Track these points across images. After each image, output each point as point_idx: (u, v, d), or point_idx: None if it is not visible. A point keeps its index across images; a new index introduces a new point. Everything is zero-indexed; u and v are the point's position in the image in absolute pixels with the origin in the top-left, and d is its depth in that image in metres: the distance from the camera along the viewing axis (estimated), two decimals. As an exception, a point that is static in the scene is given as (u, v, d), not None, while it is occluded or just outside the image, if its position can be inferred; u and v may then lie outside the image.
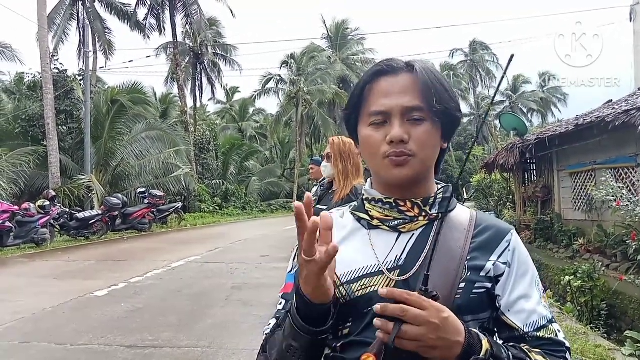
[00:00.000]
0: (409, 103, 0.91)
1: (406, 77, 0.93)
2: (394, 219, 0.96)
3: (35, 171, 17.18)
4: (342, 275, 0.93)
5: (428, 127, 0.91)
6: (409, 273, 0.91)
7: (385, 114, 0.92)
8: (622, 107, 7.90)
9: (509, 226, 1.00)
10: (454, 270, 0.90)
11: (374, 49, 37.47)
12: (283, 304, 1.01)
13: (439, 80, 0.94)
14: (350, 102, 0.99)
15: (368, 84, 0.95)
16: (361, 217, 0.99)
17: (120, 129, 19.78)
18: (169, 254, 10.87)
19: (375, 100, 0.93)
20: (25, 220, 11.98)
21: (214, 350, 4.49)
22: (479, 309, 0.92)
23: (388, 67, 0.94)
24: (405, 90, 0.92)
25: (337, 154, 3.17)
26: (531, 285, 0.95)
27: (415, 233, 0.95)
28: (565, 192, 10.39)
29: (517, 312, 0.92)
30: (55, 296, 6.63)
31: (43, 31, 16.94)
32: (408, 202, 0.95)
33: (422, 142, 0.91)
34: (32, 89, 19.38)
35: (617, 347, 4.56)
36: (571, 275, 6.93)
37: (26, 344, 4.70)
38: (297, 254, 1.03)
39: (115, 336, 4.86)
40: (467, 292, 0.90)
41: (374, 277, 0.92)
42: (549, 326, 0.93)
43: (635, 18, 12.31)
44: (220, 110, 43.88)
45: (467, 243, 0.93)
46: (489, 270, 0.92)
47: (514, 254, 0.95)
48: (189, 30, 28.62)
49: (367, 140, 0.95)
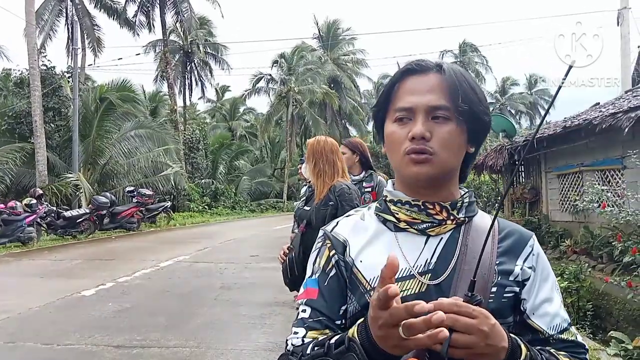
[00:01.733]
0: (434, 102, 0.91)
1: (434, 77, 0.93)
2: (422, 221, 0.95)
3: (22, 169, 16.99)
4: (372, 280, 0.93)
5: (452, 128, 0.91)
6: (440, 277, 0.91)
7: (410, 110, 0.92)
8: (608, 110, 8.00)
9: (529, 232, 1.01)
10: (485, 274, 0.90)
11: (365, 50, 37.62)
12: (308, 313, 0.97)
13: (468, 82, 0.94)
14: (379, 100, 1.00)
15: (397, 82, 0.96)
16: (387, 219, 0.98)
17: (109, 127, 19.60)
18: (157, 253, 10.81)
19: (402, 97, 0.94)
20: (12, 219, 11.85)
21: (203, 350, 4.47)
22: (507, 312, 0.93)
23: (417, 66, 0.95)
24: (431, 89, 0.92)
25: (310, 154, 3.12)
26: (552, 289, 0.97)
27: (444, 237, 0.94)
28: (553, 193, 10.50)
29: (542, 315, 0.94)
30: (41, 296, 6.57)
31: (30, 27, 16.73)
32: (437, 205, 0.94)
33: (444, 141, 0.91)
34: (19, 85, 19.14)
35: (602, 347, 4.62)
36: (558, 276, 7.00)
37: (11, 344, 4.65)
38: (315, 257, 1.02)
39: (102, 336, 4.83)
40: (499, 296, 0.91)
41: (405, 280, 0.91)
42: (570, 329, 0.95)
43: (623, 22, 12.49)
44: (210, 109, 43.70)
45: (494, 247, 0.93)
46: (517, 274, 0.94)
47: (537, 259, 0.97)
48: (179, 28, 28.48)
49: (391, 136, 0.95)
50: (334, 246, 0.99)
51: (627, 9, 12.51)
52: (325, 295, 0.97)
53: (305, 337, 0.94)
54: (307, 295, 0.99)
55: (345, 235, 1.00)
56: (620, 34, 12.59)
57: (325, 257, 1.00)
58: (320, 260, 1.00)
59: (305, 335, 0.94)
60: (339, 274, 0.97)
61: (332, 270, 0.98)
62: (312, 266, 1.02)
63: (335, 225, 1.03)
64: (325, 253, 1.00)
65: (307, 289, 1.00)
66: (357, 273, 0.95)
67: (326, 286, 0.97)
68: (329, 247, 1.00)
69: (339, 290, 0.97)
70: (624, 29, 12.51)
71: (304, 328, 0.95)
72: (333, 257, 0.98)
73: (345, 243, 0.98)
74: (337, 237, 1.00)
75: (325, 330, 0.94)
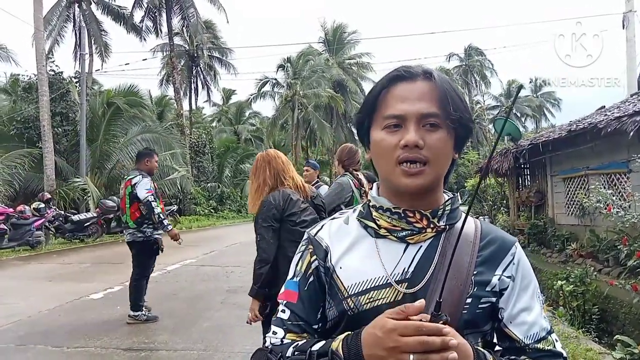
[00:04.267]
0: (425, 109, 0.90)
1: (424, 84, 0.92)
2: (402, 229, 0.94)
3: (30, 173, 17.12)
4: (349, 287, 0.94)
5: (443, 135, 0.91)
6: (417, 286, 0.91)
7: (401, 117, 0.91)
8: (614, 114, 7.99)
9: (513, 238, 1.00)
10: (461, 285, 0.90)
11: (371, 53, 37.66)
12: (287, 315, 0.99)
13: (455, 90, 0.94)
14: (364, 106, 0.98)
15: (385, 88, 0.94)
16: (368, 225, 0.98)
17: (116, 132, 19.74)
18: (164, 256, 10.76)
19: (391, 104, 0.92)
20: (20, 223, 11.95)
21: (210, 354, 4.51)
22: (482, 322, 0.93)
23: (406, 72, 0.94)
24: (422, 96, 0.91)
25: (253, 171, 3.18)
26: (532, 297, 0.96)
27: (423, 245, 0.94)
28: (559, 197, 10.47)
29: (519, 324, 0.93)
30: (50, 299, 6.64)
31: (39, 33, 16.90)
32: (417, 214, 0.94)
33: (437, 149, 0.90)
34: (27, 90, 19.31)
35: (608, 351, 4.62)
36: (564, 280, 7.00)
37: (22, 347, 4.71)
38: (298, 260, 1.04)
39: (111, 339, 4.88)
40: (474, 307, 0.91)
41: (382, 289, 0.92)
42: (548, 337, 0.94)
43: (628, 25, 12.46)
44: (216, 113, 43.87)
45: (473, 257, 0.93)
46: (495, 285, 0.93)
47: (517, 267, 0.96)
48: (185, 33, 28.64)
49: (380, 144, 0.93)
50: (315, 251, 1.01)
51: (632, 12, 12.49)
52: (304, 300, 0.99)
53: (284, 338, 0.97)
54: (287, 297, 1.01)
55: (327, 241, 1.00)
56: (626, 37, 12.57)
57: (307, 262, 1.01)
58: (302, 264, 1.02)
59: (284, 337, 0.97)
60: (319, 280, 0.99)
61: (311, 276, 1.00)
62: (295, 268, 1.04)
63: (320, 228, 1.04)
64: (307, 258, 1.02)
65: (288, 290, 1.02)
66: (337, 279, 0.96)
67: (306, 291, 1.00)
68: (311, 252, 1.01)
69: (317, 295, 0.99)
70: (630, 32, 12.49)
71: (282, 329, 0.98)
72: (314, 263, 1.00)
73: (327, 249, 0.99)
74: (320, 242, 1.01)
75: (303, 334, 0.97)
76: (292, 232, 2.92)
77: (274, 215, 2.92)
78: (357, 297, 0.92)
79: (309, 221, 2.94)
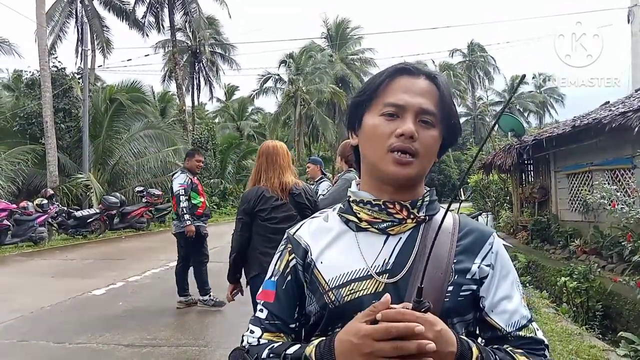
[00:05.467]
0: (425, 105, 0.93)
1: (426, 83, 0.96)
2: (383, 221, 0.96)
3: (33, 169, 17.17)
4: (330, 280, 0.94)
5: (435, 134, 0.94)
6: (397, 276, 0.92)
7: (401, 107, 0.93)
8: (618, 109, 7.94)
9: (490, 229, 1.02)
10: (442, 273, 0.91)
11: (374, 49, 37.58)
12: (265, 314, 1.00)
13: (451, 95, 0.99)
14: (366, 89, 0.99)
15: (389, 77, 0.97)
16: (349, 219, 0.99)
17: (119, 128, 19.77)
18: (167, 252, 10.86)
19: (393, 93, 0.94)
20: (23, 219, 11.98)
21: (212, 349, 4.51)
22: (465, 310, 0.94)
23: (412, 68, 0.98)
24: (424, 93, 0.94)
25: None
26: (512, 286, 0.97)
27: (403, 236, 0.95)
28: (562, 193, 10.43)
29: (500, 312, 0.95)
30: (53, 295, 6.65)
31: (41, 29, 16.91)
32: (397, 205, 0.95)
33: (428, 145, 0.93)
34: (30, 86, 19.34)
35: (612, 348, 4.59)
36: (567, 276, 6.97)
37: (25, 343, 4.72)
38: (277, 260, 1.04)
39: (113, 335, 4.88)
40: (455, 295, 0.92)
41: (363, 281, 0.92)
42: (529, 325, 0.96)
43: (633, 20, 12.37)
44: (218, 109, 43.86)
45: (452, 246, 0.94)
46: (475, 272, 0.95)
47: (497, 257, 0.97)
48: (187, 28, 28.60)
49: (374, 129, 0.95)
50: (294, 250, 1.01)
51: (637, 7, 12.39)
52: (282, 300, 1.00)
53: (261, 338, 0.98)
54: (264, 297, 1.02)
55: (306, 240, 1.01)
56: (631, 31, 12.48)
57: (285, 261, 1.02)
58: (280, 263, 1.02)
59: (261, 336, 0.98)
60: (296, 279, 0.99)
61: (289, 275, 1.00)
62: (273, 267, 1.04)
63: (299, 228, 1.05)
64: (285, 257, 1.02)
65: (266, 290, 1.02)
66: (317, 274, 0.96)
67: (283, 290, 1.00)
68: (289, 250, 1.02)
69: (294, 295, 1.00)
70: (635, 27, 12.40)
71: (260, 329, 0.99)
72: (292, 262, 1.00)
73: (307, 247, 1.00)
74: (299, 240, 1.02)
75: (280, 333, 0.99)
76: (261, 227, 3.14)
77: (245, 209, 3.15)
78: (338, 289, 0.93)
79: (279, 218, 3.13)
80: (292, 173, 3.28)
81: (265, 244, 3.08)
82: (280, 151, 3.25)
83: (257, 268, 3.07)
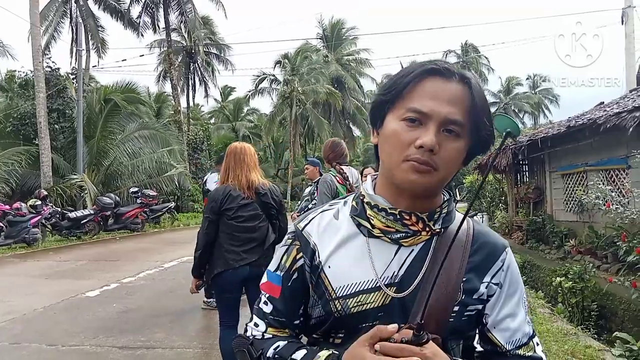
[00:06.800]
0: (452, 115, 0.86)
1: (458, 88, 0.88)
2: (397, 231, 0.91)
3: (27, 170, 17.05)
4: (337, 289, 0.91)
5: (460, 146, 0.87)
6: (406, 291, 0.89)
7: (425, 115, 0.86)
8: (613, 110, 7.97)
9: (504, 243, 0.98)
10: (450, 293, 0.88)
11: (369, 49, 37.55)
12: (270, 309, 0.99)
13: (486, 102, 0.90)
14: (391, 88, 0.91)
15: (417, 78, 0.88)
16: (361, 224, 0.94)
17: (113, 128, 19.64)
18: (161, 254, 10.83)
19: (419, 97, 0.87)
20: (17, 220, 11.89)
21: (207, 352, 4.48)
22: (468, 329, 0.93)
23: (444, 69, 0.88)
24: (453, 100, 0.86)
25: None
26: (518, 303, 0.96)
27: (415, 248, 0.91)
28: (557, 193, 10.46)
29: (502, 330, 0.94)
30: (46, 296, 6.59)
31: (35, 29, 16.80)
32: (413, 216, 0.90)
33: (450, 158, 0.87)
34: (23, 87, 19.21)
35: (607, 348, 4.60)
36: (562, 276, 6.98)
37: (16, 345, 4.67)
38: (283, 254, 1.01)
39: (107, 337, 4.84)
40: (460, 315, 0.90)
41: (371, 293, 0.90)
42: (530, 343, 0.95)
43: (627, 21, 12.43)
44: (214, 110, 43.78)
45: (463, 263, 0.91)
46: (483, 293, 0.93)
47: (506, 274, 0.95)
48: (182, 29, 28.51)
49: (394, 135, 0.88)
50: (302, 249, 0.97)
51: (631, 8, 12.46)
52: (287, 296, 0.98)
53: (266, 332, 0.98)
54: (269, 290, 1.00)
55: (315, 238, 0.97)
56: (625, 32, 12.54)
57: (292, 257, 0.98)
58: (287, 259, 0.99)
59: (266, 331, 0.98)
60: (302, 279, 0.97)
61: (295, 273, 0.98)
62: (279, 261, 1.00)
63: (308, 222, 1.00)
64: (292, 254, 0.99)
65: (270, 283, 1.00)
66: (325, 278, 0.93)
67: (289, 287, 0.98)
68: (297, 248, 0.98)
69: (300, 293, 0.98)
70: (629, 28, 12.46)
71: (264, 323, 0.99)
72: (299, 261, 0.97)
73: (315, 248, 0.96)
74: (307, 238, 0.97)
75: (285, 329, 0.99)
76: (228, 225, 3.19)
77: (212, 208, 3.20)
78: (345, 299, 0.91)
79: (245, 217, 3.21)
80: (259, 173, 3.35)
81: (230, 241, 3.18)
82: (247, 151, 3.32)
83: (222, 265, 3.19)
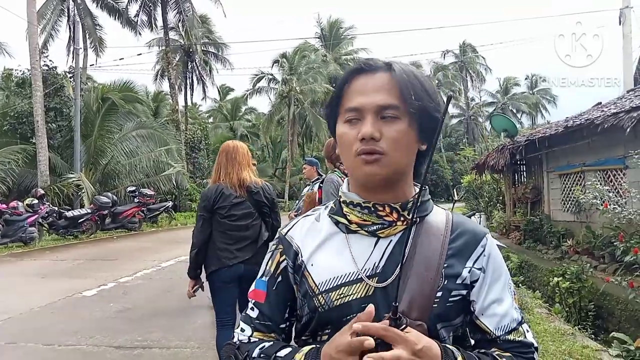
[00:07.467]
0: (382, 101, 0.90)
1: (383, 76, 0.92)
2: (373, 223, 0.94)
3: (24, 169, 17.01)
4: (320, 284, 0.93)
5: (402, 126, 0.90)
6: (387, 280, 0.91)
7: (359, 110, 0.91)
8: (610, 110, 7.98)
9: (483, 230, 1.00)
10: (431, 279, 0.89)
11: (368, 48, 37.57)
12: (256, 314, 1.00)
13: (418, 79, 0.92)
14: (330, 100, 0.98)
15: (347, 82, 0.94)
16: (339, 221, 0.98)
17: (111, 127, 19.61)
18: (158, 253, 10.82)
19: (351, 97, 0.92)
20: (13, 219, 11.87)
21: (203, 351, 4.47)
22: (454, 315, 0.93)
23: (366, 65, 0.94)
24: (380, 88, 0.91)
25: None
26: (504, 289, 0.96)
27: (394, 239, 0.94)
28: (555, 193, 10.46)
29: (490, 316, 0.94)
30: (43, 296, 6.58)
31: (32, 27, 16.75)
32: (387, 207, 0.94)
33: (394, 140, 0.89)
34: (21, 85, 19.15)
35: (604, 348, 4.60)
36: (560, 276, 6.98)
37: (13, 345, 4.66)
38: (268, 259, 1.03)
39: (103, 337, 4.83)
40: (444, 300, 0.90)
41: (353, 285, 0.92)
42: (519, 328, 0.95)
43: (625, 21, 12.45)
44: (212, 109, 43.72)
45: (444, 250, 0.93)
46: (465, 277, 0.93)
47: (488, 259, 0.96)
48: (180, 28, 28.46)
49: (342, 137, 0.94)
50: (285, 251, 1.00)
51: (629, 8, 12.48)
52: (272, 300, 1.00)
53: (252, 337, 0.99)
54: (255, 296, 1.02)
55: (298, 241, 1.00)
56: (622, 33, 12.57)
57: (276, 261, 1.01)
58: (271, 263, 1.02)
59: (252, 335, 0.99)
60: (287, 281, 0.99)
61: (280, 276, 1.00)
62: (264, 267, 1.04)
63: (291, 227, 1.04)
64: (276, 258, 1.01)
65: (257, 290, 1.03)
66: (308, 276, 0.95)
67: (274, 291, 1.00)
68: (281, 251, 1.01)
69: (285, 296, 1.00)
70: (626, 29, 12.49)
71: (250, 327, 1.00)
72: (282, 263, 1.00)
73: (298, 250, 0.99)
74: (290, 241, 1.01)
75: (270, 333, 1.00)
76: (221, 224, 3.19)
77: (205, 206, 3.20)
78: (328, 293, 0.92)
79: (238, 215, 3.20)
80: (252, 172, 3.34)
81: (224, 240, 3.18)
82: (240, 150, 3.32)
83: (216, 263, 3.17)
